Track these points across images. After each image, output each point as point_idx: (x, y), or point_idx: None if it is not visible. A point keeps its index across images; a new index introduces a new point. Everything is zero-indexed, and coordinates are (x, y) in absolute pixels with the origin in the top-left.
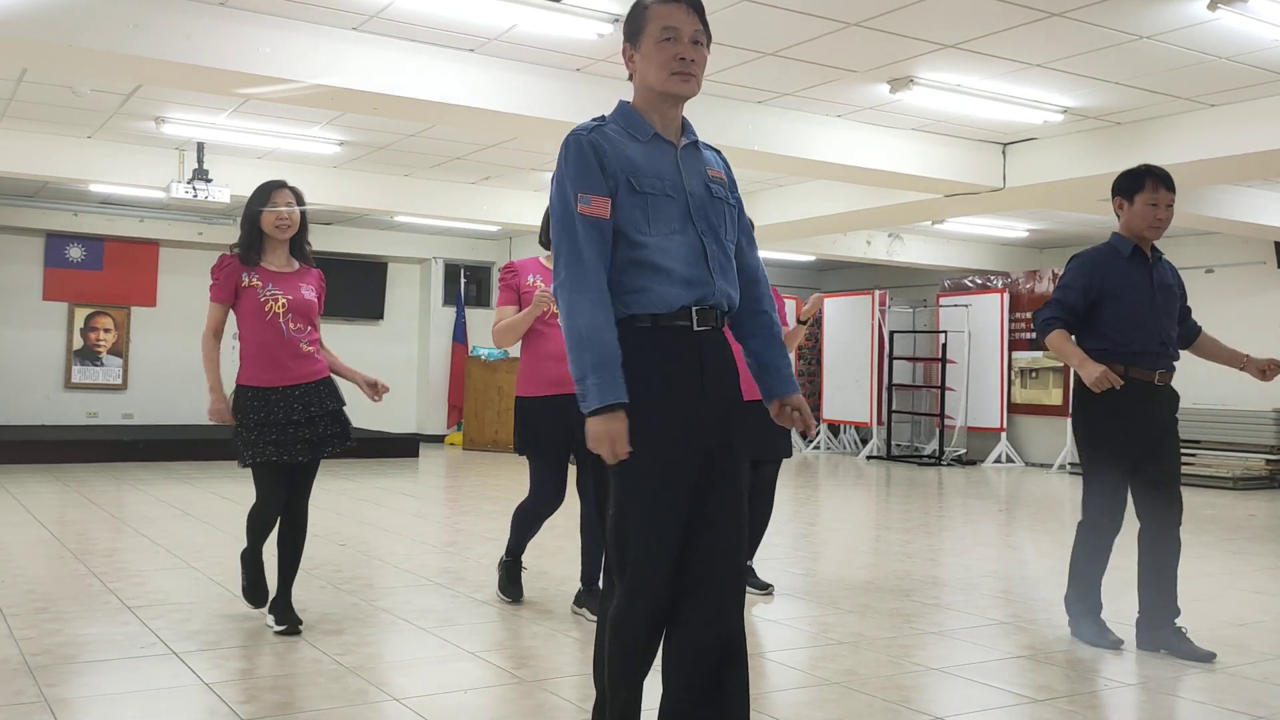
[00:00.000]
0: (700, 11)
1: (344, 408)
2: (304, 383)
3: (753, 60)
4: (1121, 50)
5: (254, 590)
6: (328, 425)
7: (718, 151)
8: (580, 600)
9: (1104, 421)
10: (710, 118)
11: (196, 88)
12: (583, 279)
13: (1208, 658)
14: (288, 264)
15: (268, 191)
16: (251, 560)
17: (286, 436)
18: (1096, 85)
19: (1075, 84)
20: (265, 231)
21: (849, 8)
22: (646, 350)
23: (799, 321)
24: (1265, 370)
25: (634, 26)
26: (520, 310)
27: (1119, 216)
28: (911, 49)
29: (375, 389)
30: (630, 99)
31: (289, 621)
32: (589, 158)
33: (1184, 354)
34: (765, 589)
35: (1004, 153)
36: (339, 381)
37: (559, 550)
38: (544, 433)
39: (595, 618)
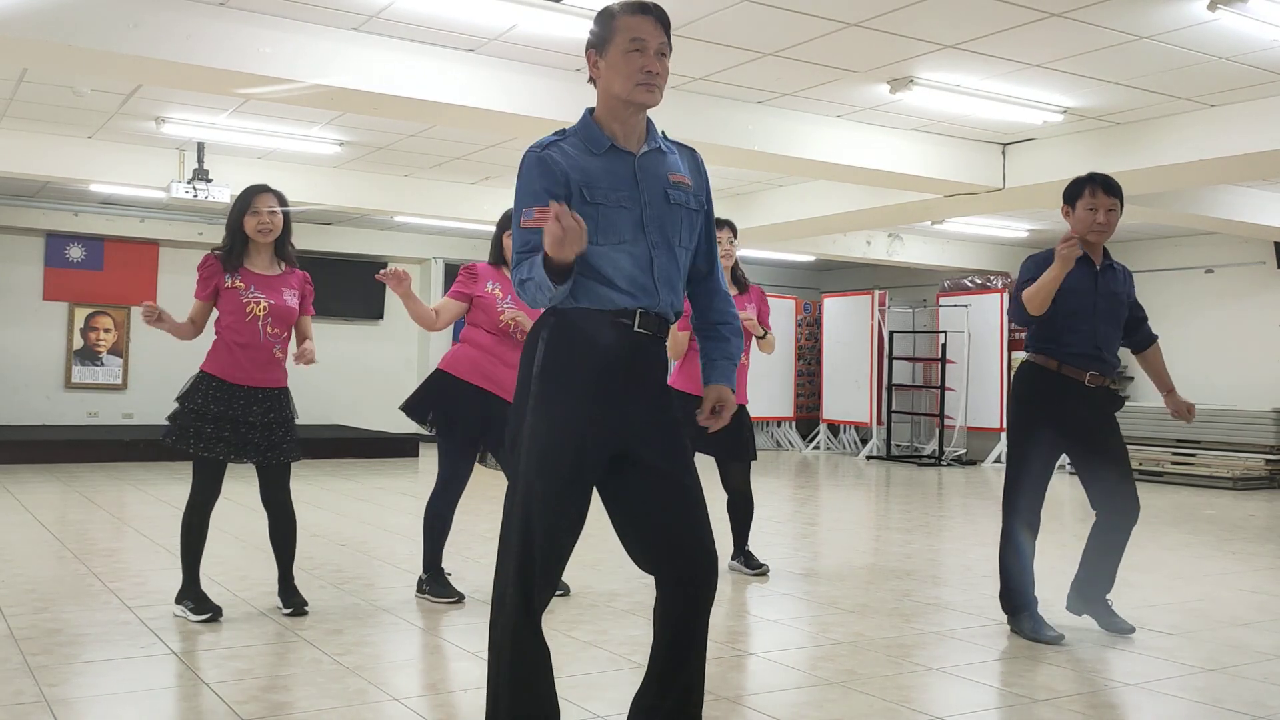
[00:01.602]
0: (667, 26)
1: (296, 420)
2: (268, 388)
3: (753, 60)
4: (1121, 50)
5: (201, 604)
6: (283, 434)
7: (692, 151)
8: None
9: (1026, 413)
10: (710, 118)
11: (196, 88)
12: (521, 267)
13: (1128, 630)
14: (272, 266)
15: (250, 196)
16: (192, 582)
17: (239, 436)
18: (1096, 85)
19: (1075, 84)
20: (248, 235)
21: (849, 8)
22: (581, 338)
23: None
24: (1182, 413)
25: (601, 35)
26: (465, 308)
27: (1067, 222)
28: (911, 49)
29: (301, 356)
30: (594, 106)
31: (295, 604)
32: (535, 175)
33: (1188, 356)
34: (759, 569)
35: (1004, 153)
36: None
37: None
38: (461, 415)
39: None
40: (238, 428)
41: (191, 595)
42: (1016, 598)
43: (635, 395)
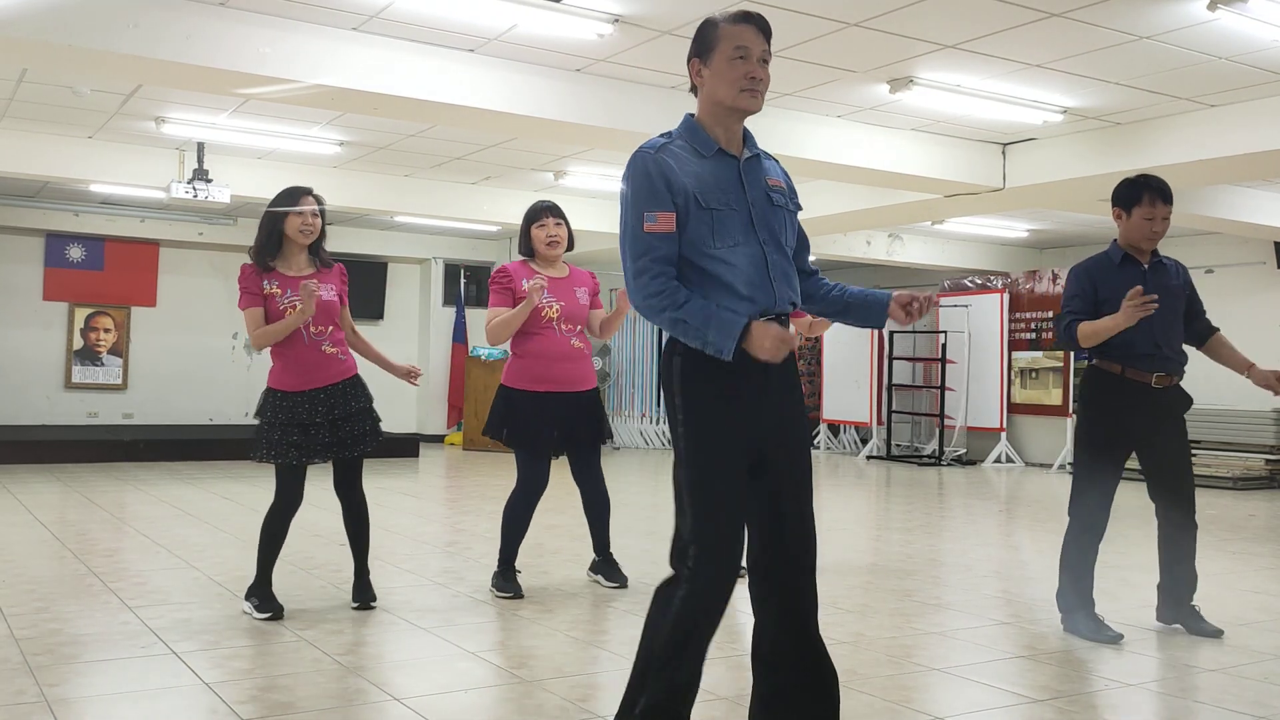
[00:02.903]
0: (768, 34)
1: (372, 404)
2: (328, 385)
3: None
4: (1121, 50)
5: (266, 603)
6: (354, 425)
7: (776, 161)
8: (595, 568)
9: (1095, 421)
10: None
11: (196, 88)
12: (658, 285)
13: (1216, 634)
14: (307, 267)
15: (294, 197)
16: (264, 576)
17: (308, 438)
18: (1096, 85)
19: (1075, 84)
20: (288, 235)
21: (849, 8)
22: (713, 362)
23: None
24: (1271, 383)
25: (705, 43)
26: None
27: (1118, 225)
28: (911, 49)
29: (410, 375)
30: (695, 112)
31: (364, 598)
32: (654, 177)
33: (1193, 354)
34: None
35: (1004, 153)
36: (370, 375)
37: (558, 550)
38: (531, 424)
39: (611, 584)
40: (305, 431)
41: (259, 594)
42: (1074, 598)
43: (769, 399)
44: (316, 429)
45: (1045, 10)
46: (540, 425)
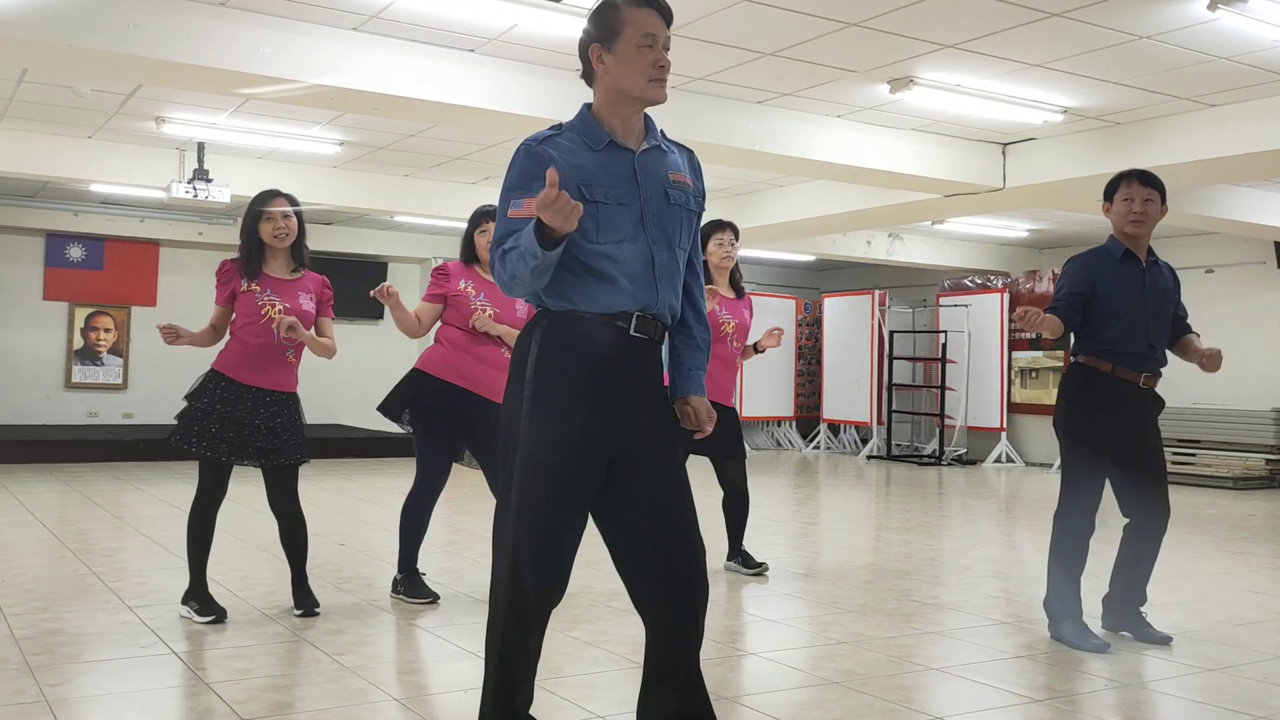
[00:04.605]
0: (670, 20)
1: (303, 423)
2: (277, 390)
3: (753, 60)
4: (1121, 50)
5: (206, 606)
6: (289, 435)
7: (690, 152)
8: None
9: (1085, 419)
10: (711, 118)
11: (197, 88)
12: (502, 244)
13: (1165, 640)
14: (288, 271)
15: (262, 202)
16: (198, 579)
17: (243, 438)
18: (1096, 85)
19: (1075, 84)
20: (265, 241)
21: (849, 8)
22: (575, 340)
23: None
24: (1205, 360)
25: (607, 28)
26: (440, 308)
27: (1109, 218)
28: (911, 49)
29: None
30: (591, 102)
31: (306, 605)
32: (531, 166)
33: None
34: (757, 568)
35: (1004, 153)
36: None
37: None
38: (440, 415)
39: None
40: (241, 429)
41: (197, 596)
42: (1062, 604)
43: (631, 400)
44: (254, 431)
45: (1045, 10)
46: (447, 416)
